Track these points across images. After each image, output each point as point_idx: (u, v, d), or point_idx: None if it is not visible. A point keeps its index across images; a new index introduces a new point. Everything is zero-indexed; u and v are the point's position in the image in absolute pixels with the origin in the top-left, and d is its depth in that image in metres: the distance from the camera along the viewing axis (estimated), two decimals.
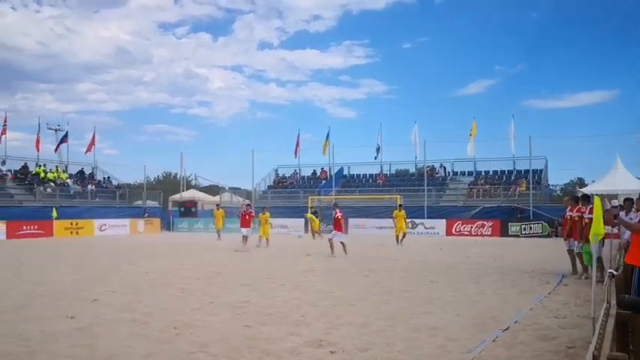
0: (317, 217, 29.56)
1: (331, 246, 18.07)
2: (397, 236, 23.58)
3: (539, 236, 28.92)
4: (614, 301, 4.83)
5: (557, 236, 24.27)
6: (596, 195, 19.43)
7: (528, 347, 6.32)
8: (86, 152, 40.64)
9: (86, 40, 74.19)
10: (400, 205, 26.80)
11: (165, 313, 8.29)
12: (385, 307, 8.87)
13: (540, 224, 29.89)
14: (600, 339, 3.36)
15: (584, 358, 5.77)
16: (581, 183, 40.05)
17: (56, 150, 39.94)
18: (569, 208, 13.06)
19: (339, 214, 18.54)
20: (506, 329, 7.21)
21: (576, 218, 12.41)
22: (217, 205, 32.26)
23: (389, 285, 11.36)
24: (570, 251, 12.95)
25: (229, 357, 5.93)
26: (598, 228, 7.34)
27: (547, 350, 6.16)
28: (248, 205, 25.50)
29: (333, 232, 18.59)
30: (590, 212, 11.93)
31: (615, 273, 6.75)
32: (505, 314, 8.24)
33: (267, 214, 22.77)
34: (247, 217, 22.07)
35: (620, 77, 67.03)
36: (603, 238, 9.43)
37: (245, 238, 21.56)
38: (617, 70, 66.87)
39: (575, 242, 12.55)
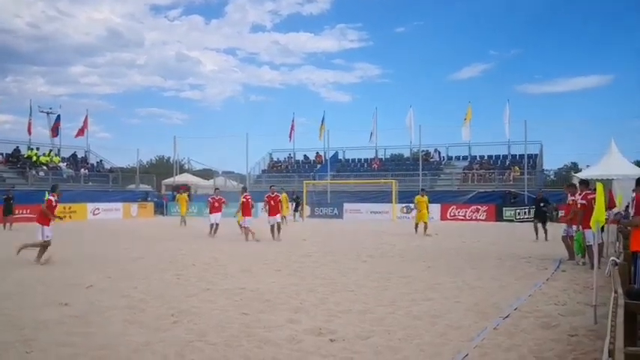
0: (299, 202, 31.25)
1: (246, 233, 18.04)
2: (416, 224, 21.19)
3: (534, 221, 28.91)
4: (620, 290, 4.74)
5: (552, 221, 24.26)
6: (593, 180, 19.46)
7: (530, 335, 6.25)
8: (76, 136, 40.28)
9: (78, 23, 73.62)
10: (423, 190, 23.47)
11: (162, 300, 8.18)
12: (385, 294, 8.80)
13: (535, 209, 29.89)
14: (613, 331, 3.27)
15: (587, 346, 5.75)
16: (576, 168, 40.14)
17: (53, 135, 39.55)
18: (569, 193, 13.04)
19: (245, 199, 18.55)
20: (506, 317, 7.15)
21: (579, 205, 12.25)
22: (179, 189, 31.90)
23: (387, 271, 11.30)
24: (565, 237, 12.89)
25: (228, 345, 5.83)
26: (600, 214, 7.28)
27: (549, 338, 6.10)
28: (217, 189, 24.33)
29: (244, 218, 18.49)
30: (584, 197, 11.95)
31: (618, 261, 6.68)
32: (505, 301, 8.19)
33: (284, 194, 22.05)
34: (217, 203, 20.54)
35: (614, 62, 67.25)
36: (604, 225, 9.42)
37: (212, 225, 20.06)
38: (612, 55, 66.97)
39: (572, 228, 12.51)
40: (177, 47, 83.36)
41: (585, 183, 12.90)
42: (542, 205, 19.16)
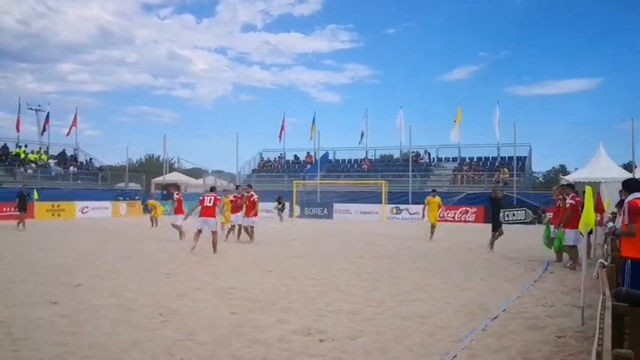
0: (282, 202, 31.31)
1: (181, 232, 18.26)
2: (432, 226, 19.65)
3: (523, 223, 29.15)
4: (608, 292, 4.79)
5: (540, 223, 24.43)
6: (579, 183, 19.60)
7: (518, 336, 6.29)
8: (67, 134, 40.10)
9: (68, 20, 73.18)
10: (434, 190, 21.89)
11: (151, 299, 8.15)
12: (374, 294, 8.82)
13: (524, 211, 30.13)
14: (601, 334, 3.31)
15: (575, 347, 5.80)
16: (564, 170, 40.44)
17: (42, 133, 39.31)
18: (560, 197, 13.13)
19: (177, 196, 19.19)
20: (495, 318, 7.20)
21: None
22: (151, 196, 32.83)
23: (377, 271, 11.32)
24: (553, 240, 12.96)
25: (217, 345, 5.82)
26: (589, 217, 7.34)
27: (537, 340, 6.14)
28: (175, 186, 24.33)
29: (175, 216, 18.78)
30: (572, 198, 12.11)
31: (605, 263, 6.75)
32: (493, 302, 8.24)
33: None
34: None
35: (603, 65, 67.73)
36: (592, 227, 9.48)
37: (176, 226, 18.94)
38: (601, 57, 67.50)
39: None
40: (169, 46, 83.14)
41: (571, 187, 13.07)
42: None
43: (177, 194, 19.66)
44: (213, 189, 16.95)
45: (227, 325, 6.68)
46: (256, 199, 18.12)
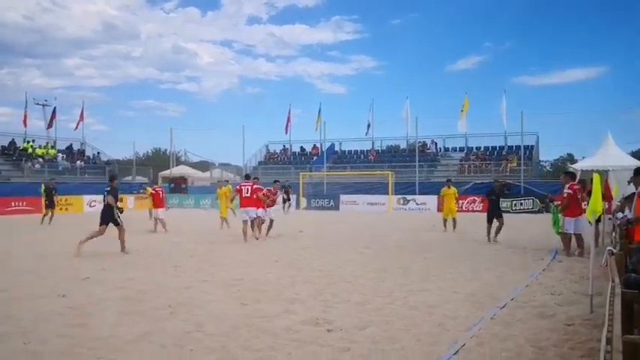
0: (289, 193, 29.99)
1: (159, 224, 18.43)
2: (445, 220, 19.07)
3: (530, 212, 29.05)
4: (617, 279, 4.76)
5: (547, 212, 24.32)
6: (587, 171, 19.45)
7: (526, 325, 6.28)
8: (75, 129, 40.31)
9: (73, 15, 73.33)
10: (449, 181, 20.88)
11: (159, 292, 8.18)
12: (382, 285, 8.81)
13: (531, 200, 30.02)
14: (611, 320, 3.28)
15: (583, 335, 5.78)
16: (572, 159, 40.24)
17: (49, 128, 39.49)
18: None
19: (153, 190, 19.14)
20: (503, 307, 7.18)
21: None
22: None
23: (384, 262, 11.31)
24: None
25: (226, 336, 5.84)
26: (596, 204, 7.29)
27: (545, 328, 6.12)
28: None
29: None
30: (569, 187, 12.13)
31: (614, 250, 6.71)
32: (501, 291, 8.22)
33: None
34: (156, 197, 19.26)
35: (610, 54, 67.23)
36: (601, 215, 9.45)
37: (154, 219, 19.05)
38: (607, 46, 66.99)
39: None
40: (174, 39, 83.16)
41: (570, 174, 13.08)
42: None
43: (153, 189, 19.29)
44: (248, 177, 17.24)
45: (235, 316, 6.69)
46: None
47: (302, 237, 16.82)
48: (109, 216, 12.62)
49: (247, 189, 15.09)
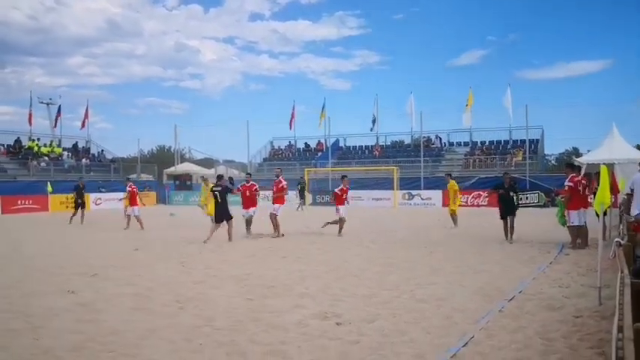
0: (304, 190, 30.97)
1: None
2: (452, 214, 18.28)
3: (536, 206, 28.96)
4: (626, 270, 4.76)
5: (553, 206, 24.26)
6: (592, 164, 19.42)
7: (535, 317, 6.29)
8: (81, 127, 40.50)
9: (76, 13, 73.32)
10: (449, 175, 20.30)
11: (168, 287, 8.22)
12: (389, 278, 8.84)
13: (537, 194, 29.92)
14: (621, 310, 3.29)
15: (592, 326, 5.78)
16: (577, 152, 40.12)
17: (54, 126, 39.66)
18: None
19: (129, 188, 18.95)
20: (511, 299, 7.19)
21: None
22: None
23: (391, 256, 11.33)
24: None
25: (235, 330, 5.87)
26: (604, 197, 7.28)
27: (554, 320, 6.13)
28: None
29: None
30: (570, 180, 12.14)
31: (622, 242, 6.70)
32: (509, 284, 8.22)
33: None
34: (132, 195, 19.11)
35: (614, 46, 66.89)
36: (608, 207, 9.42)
37: (133, 217, 18.73)
38: (612, 39, 66.63)
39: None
40: (176, 37, 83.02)
41: (572, 166, 13.06)
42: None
43: (129, 186, 19.01)
44: (250, 175, 18.13)
45: (244, 310, 6.73)
46: (285, 186, 16.76)
47: (309, 232, 16.84)
48: (225, 213, 14.09)
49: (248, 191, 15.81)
